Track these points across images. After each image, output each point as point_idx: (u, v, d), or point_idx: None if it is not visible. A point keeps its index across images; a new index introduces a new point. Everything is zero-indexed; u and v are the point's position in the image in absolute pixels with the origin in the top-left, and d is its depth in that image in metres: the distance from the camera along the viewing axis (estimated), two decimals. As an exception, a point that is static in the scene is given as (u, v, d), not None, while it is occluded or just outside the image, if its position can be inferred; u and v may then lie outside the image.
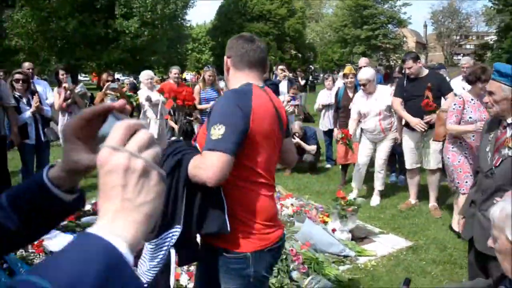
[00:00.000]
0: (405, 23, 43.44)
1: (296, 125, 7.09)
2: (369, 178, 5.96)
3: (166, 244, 1.69)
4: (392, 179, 6.66)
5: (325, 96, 7.53)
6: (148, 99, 7.10)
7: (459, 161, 4.32)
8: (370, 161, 5.78)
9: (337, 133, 6.28)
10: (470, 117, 4.21)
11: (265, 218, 1.79)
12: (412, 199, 5.46)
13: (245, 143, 1.71)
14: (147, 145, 0.61)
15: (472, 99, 4.31)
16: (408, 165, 5.36)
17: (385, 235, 4.55)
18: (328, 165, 7.72)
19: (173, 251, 1.77)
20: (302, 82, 15.45)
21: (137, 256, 1.73)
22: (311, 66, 41.99)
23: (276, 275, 3.35)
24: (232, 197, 1.75)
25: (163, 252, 1.70)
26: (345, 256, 3.94)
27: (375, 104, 5.36)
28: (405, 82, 5.21)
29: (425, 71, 5.17)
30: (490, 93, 2.55)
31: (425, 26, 51.44)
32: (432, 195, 5.30)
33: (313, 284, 3.39)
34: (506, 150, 2.48)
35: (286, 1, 41.68)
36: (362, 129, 5.61)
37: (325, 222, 4.50)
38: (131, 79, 17.24)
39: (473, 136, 4.24)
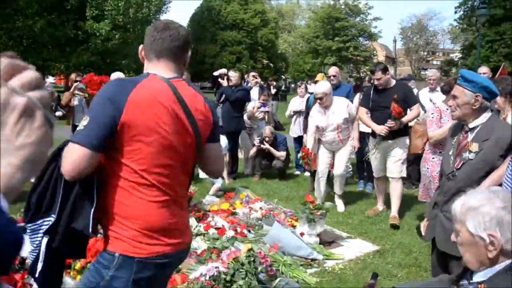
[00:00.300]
0: (376, 37, 44.58)
1: (267, 130, 7.11)
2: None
3: (41, 231, 1.58)
4: (360, 186, 6.76)
5: (297, 103, 7.60)
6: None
7: (437, 172, 4.41)
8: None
9: (305, 139, 6.33)
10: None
11: (143, 227, 1.61)
12: (380, 206, 5.52)
13: (122, 138, 1.57)
14: (34, 85, 0.54)
15: (447, 109, 4.43)
16: (375, 174, 5.44)
17: (352, 239, 4.59)
18: (298, 172, 7.78)
19: (45, 239, 1.59)
20: (273, 91, 15.56)
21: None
22: (282, 76, 42.43)
23: (243, 277, 3.32)
24: (109, 195, 1.62)
25: (38, 239, 1.59)
26: (313, 260, 3.95)
27: (333, 118, 5.30)
28: (371, 92, 5.23)
29: (393, 82, 5.20)
30: (454, 97, 2.63)
31: (395, 41, 53.00)
32: (394, 204, 5.23)
33: (280, 286, 3.38)
34: (467, 153, 2.56)
35: (260, 11, 42.06)
36: (319, 140, 5.57)
37: (293, 226, 4.51)
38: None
39: None
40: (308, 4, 51.07)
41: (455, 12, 31.42)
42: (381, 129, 4.95)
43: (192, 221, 4.41)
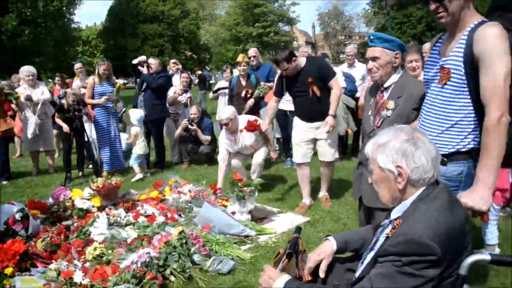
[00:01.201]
0: (294, 21, 45.67)
1: (193, 108, 7.03)
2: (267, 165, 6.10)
3: None
4: (288, 164, 6.89)
5: (224, 85, 7.62)
6: (28, 98, 6.54)
7: None
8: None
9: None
10: None
11: None
12: (306, 200, 4.92)
13: None
14: None
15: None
16: (298, 159, 4.83)
17: (283, 214, 4.69)
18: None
19: None
20: (196, 81, 15.44)
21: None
22: (206, 67, 42.10)
23: (177, 260, 3.27)
24: None
25: None
26: (246, 236, 3.99)
27: (244, 141, 5.16)
28: (283, 80, 4.77)
29: (303, 61, 4.65)
30: (375, 59, 2.73)
31: (313, 26, 54.67)
32: (325, 186, 5.07)
33: (215, 264, 3.37)
34: (384, 111, 2.70)
35: (179, 2, 41.27)
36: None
37: (225, 206, 4.51)
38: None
39: None
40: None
41: (367, -5, 33.00)
42: (325, 132, 4.48)
43: (121, 212, 4.26)
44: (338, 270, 1.94)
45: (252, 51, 6.75)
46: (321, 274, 1.85)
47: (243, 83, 6.36)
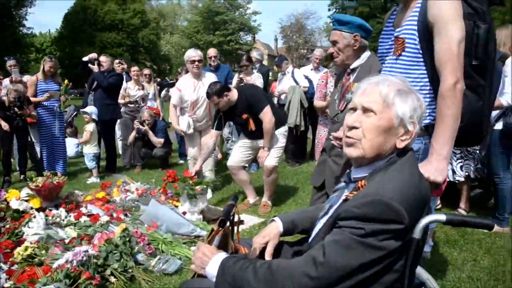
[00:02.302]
0: (256, 30, 46.03)
1: (145, 113, 6.81)
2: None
3: None
4: (253, 169, 6.75)
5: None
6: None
7: (320, 135, 4.49)
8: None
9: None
10: (330, 91, 4.42)
11: None
12: (251, 198, 4.87)
13: None
14: None
15: (335, 74, 4.56)
16: (230, 162, 4.75)
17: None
18: (181, 161, 7.55)
19: None
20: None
21: None
22: (166, 78, 41.53)
23: (118, 259, 3.02)
24: None
25: None
26: (197, 236, 3.78)
27: (204, 91, 4.88)
28: (220, 114, 4.59)
29: (235, 95, 4.44)
30: (334, 43, 2.63)
31: (276, 40, 55.22)
32: (267, 193, 4.75)
33: (161, 264, 3.15)
34: (349, 94, 2.58)
35: (139, 12, 40.69)
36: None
37: (175, 207, 4.28)
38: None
39: None
40: (189, 3, 50.75)
41: (329, 10, 33.80)
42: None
43: (61, 212, 3.95)
44: (286, 253, 1.78)
45: (212, 51, 6.60)
46: (267, 257, 1.68)
47: None
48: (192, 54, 5.09)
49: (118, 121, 6.99)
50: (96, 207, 4.11)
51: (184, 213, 4.06)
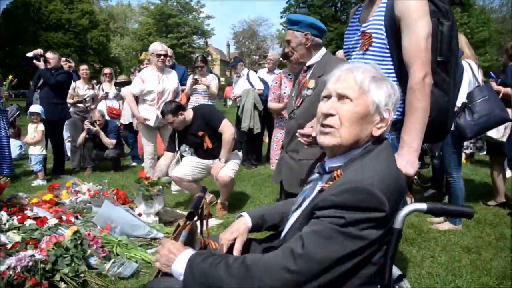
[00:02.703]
0: (209, 34, 45.82)
1: (96, 113, 6.52)
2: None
3: None
4: None
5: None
6: None
7: (277, 137, 4.45)
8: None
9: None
10: (284, 92, 4.39)
11: None
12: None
13: None
14: None
15: (289, 74, 4.53)
16: (176, 172, 4.46)
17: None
18: (134, 163, 7.29)
19: None
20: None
21: None
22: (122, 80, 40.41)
23: (69, 263, 2.80)
24: None
25: None
26: (153, 239, 3.61)
27: (168, 83, 5.15)
28: (175, 134, 4.55)
29: (190, 114, 4.39)
30: (288, 42, 2.65)
31: (228, 45, 55.34)
32: (223, 197, 4.58)
33: (116, 268, 2.96)
34: (305, 90, 2.58)
35: (88, 12, 39.33)
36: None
37: (131, 209, 4.08)
38: None
39: None
40: (140, 6, 49.77)
41: (281, 17, 34.27)
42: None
43: (2, 215, 3.63)
44: (255, 250, 1.69)
45: (169, 51, 6.44)
46: (236, 254, 1.57)
47: None
48: (158, 47, 5.09)
49: (67, 121, 6.62)
50: (43, 210, 3.82)
51: (140, 215, 3.87)
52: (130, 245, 3.30)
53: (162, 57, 5.07)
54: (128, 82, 7.15)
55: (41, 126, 5.84)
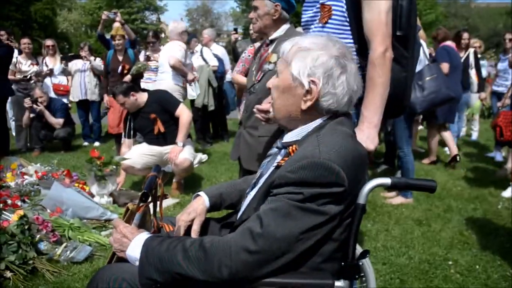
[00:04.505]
0: (162, 10, 44.35)
1: (37, 90, 6.16)
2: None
3: None
4: None
5: (79, 64, 6.88)
6: None
7: None
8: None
9: (107, 100, 6.00)
10: None
11: None
12: None
13: None
14: None
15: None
16: (130, 155, 4.32)
17: (151, 196, 4.28)
18: (86, 143, 7.01)
19: None
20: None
21: None
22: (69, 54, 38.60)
23: (15, 250, 2.65)
24: None
25: None
26: (107, 220, 3.49)
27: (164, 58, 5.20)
28: (129, 119, 4.44)
29: (144, 96, 4.30)
30: (255, 8, 2.50)
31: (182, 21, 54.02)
32: (179, 176, 4.45)
33: (68, 252, 2.85)
34: (267, 65, 2.50)
35: (31, -17, 36.99)
36: None
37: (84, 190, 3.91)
38: None
39: None
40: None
41: (235, -4, 33.70)
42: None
43: None
44: (214, 231, 1.65)
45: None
46: (193, 235, 1.53)
47: (120, 58, 5.90)
48: (183, 25, 5.52)
49: (9, 99, 6.22)
50: (-15, 195, 3.60)
51: (92, 196, 3.73)
52: (83, 228, 3.17)
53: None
54: (77, 56, 6.81)
55: None
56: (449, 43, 5.62)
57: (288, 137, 1.38)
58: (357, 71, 1.32)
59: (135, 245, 1.27)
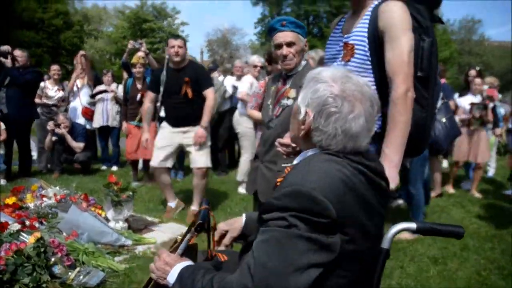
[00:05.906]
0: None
1: (60, 116, 6.33)
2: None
3: None
4: (179, 177, 6.63)
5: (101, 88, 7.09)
6: None
7: None
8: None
9: (125, 127, 6.04)
10: None
11: None
12: (171, 203, 4.68)
13: None
14: None
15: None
16: (157, 164, 4.48)
17: (164, 224, 4.31)
18: (104, 167, 7.13)
19: None
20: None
21: None
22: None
23: (30, 273, 2.69)
24: None
25: None
26: (122, 246, 3.52)
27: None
28: (164, 73, 4.45)
29: (187, 61, 4.50)
30: (291, 44, 2.54)
31: (202, 53, 54.96)
32: (197, 199, 4.58)
33: (81, 277, 2.87)
34: (285, 100, 2.54)
35: (62, 12, 38.48)
36: None
37: (100, 215, 3.96)
38: None
39: None
40: (115, 9, 49.15)
41: (255, 28, 34.47)
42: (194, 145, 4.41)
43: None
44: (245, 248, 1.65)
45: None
46: (222, 247, 1.60)
47: (139, 86, 5.96)
48: (256, 59, 5.97)
49: (34, 122, 6.43)
50: (5, 214, 3.67)
51: (108, 220, 3.78)
52: (97, 252, 3.20)
53: (258, 68, 5.82)
54: (104, 91, 6.96)
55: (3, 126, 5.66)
56: (443, 80, 5.83)
57: (292, 160, 1.42)
58: (365, 115, 1.25)
59: (175, 272, 1.31)
